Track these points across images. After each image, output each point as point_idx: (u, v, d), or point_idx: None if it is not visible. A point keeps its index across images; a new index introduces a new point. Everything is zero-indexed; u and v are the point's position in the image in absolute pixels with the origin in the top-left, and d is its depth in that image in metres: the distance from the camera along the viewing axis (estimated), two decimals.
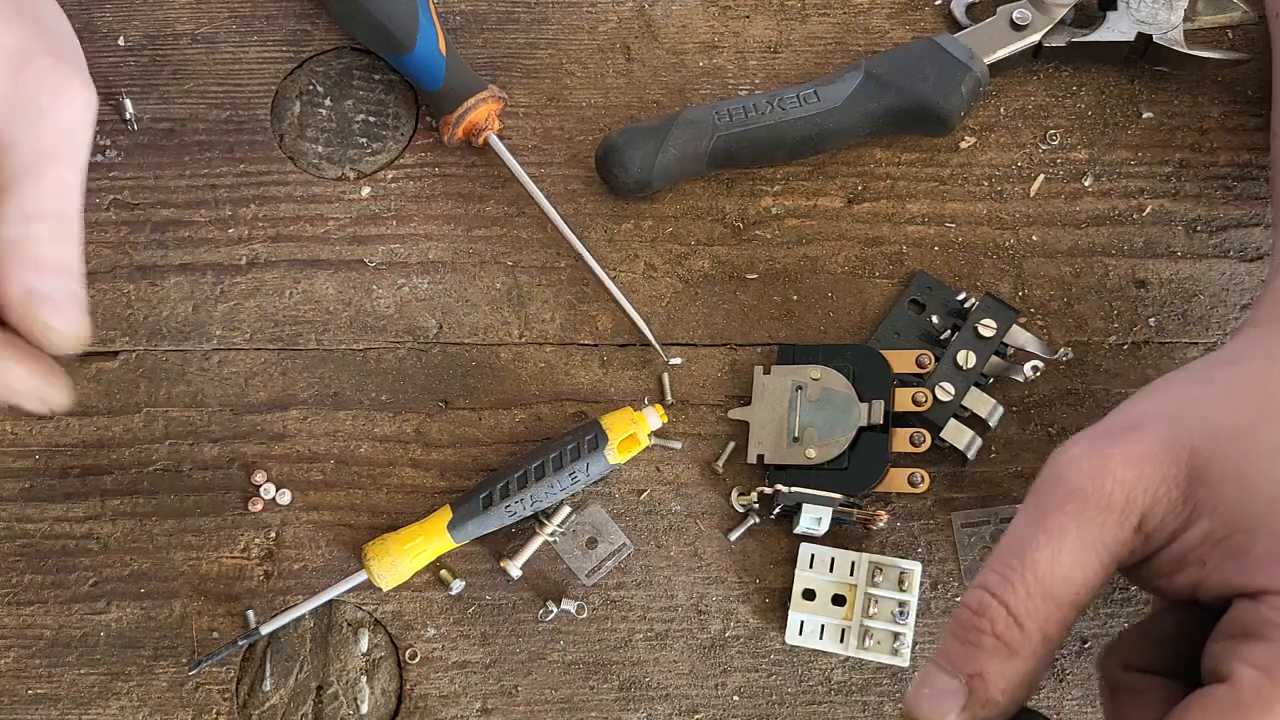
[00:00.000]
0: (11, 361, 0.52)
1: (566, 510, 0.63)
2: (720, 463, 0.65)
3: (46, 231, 0.51)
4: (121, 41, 0.71)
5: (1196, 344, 0.67)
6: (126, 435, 0.66)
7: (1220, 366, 0.51)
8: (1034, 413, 0.66)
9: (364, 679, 0.63)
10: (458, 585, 0.64)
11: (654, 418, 0.63)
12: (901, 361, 0.64)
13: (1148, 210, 0.69)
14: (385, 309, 0.68)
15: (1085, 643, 0.63)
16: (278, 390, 0.67)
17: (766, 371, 0.65)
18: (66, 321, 0.53)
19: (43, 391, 0.53)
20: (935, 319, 0.66)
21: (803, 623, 0.63)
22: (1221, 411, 0.48)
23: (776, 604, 0.64)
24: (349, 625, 0.64)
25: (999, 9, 0.69)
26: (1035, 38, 0.68)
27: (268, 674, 0.63)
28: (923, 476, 0.63)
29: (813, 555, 0.63)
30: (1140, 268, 0.68)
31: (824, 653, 0.63)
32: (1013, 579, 0.47)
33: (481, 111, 0.67)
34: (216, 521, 0.65)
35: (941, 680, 0.48)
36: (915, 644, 0.63)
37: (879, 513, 0.63)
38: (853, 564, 0.63)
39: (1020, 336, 0.65)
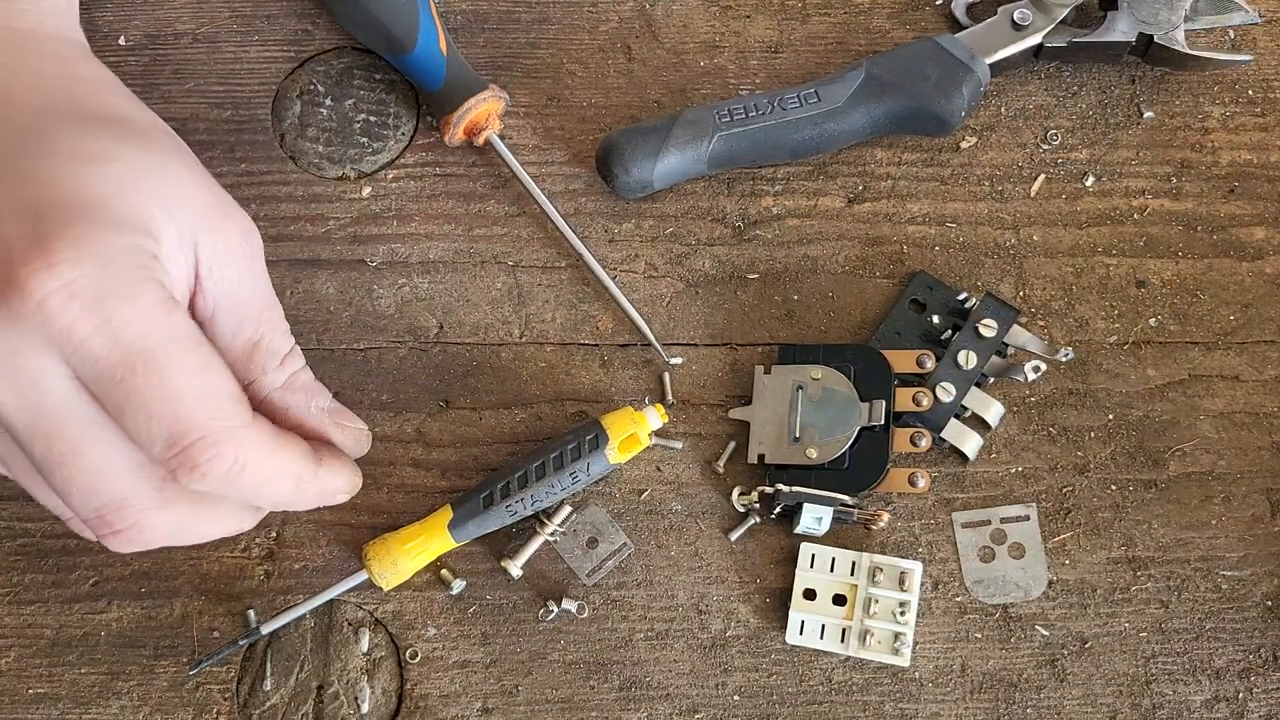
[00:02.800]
0: (337, 468, 0.57)
1: (567, 510, 0.63)
2: (721, 462, 0.65)
3: (299, 361, 0.56)
4: (122, 41, 0.71)
5: (1197, 344, 0.67)
6: None
7: None
8: (1035, 413, 0.66)
9: (365, 678, 0.63)
10: (458, 585, 0.64)
11: (654, 417, 0.63)
12: (902, 361, 0.64)
13: (1148, 210, 0.69)
14: (386, 308, 0.68)
15: (1085, 643, 0.63)
16: None
17: (767, 371, 0.65)
18: (360, 421, 0.58)
19: (355, 482, 0.58)
20: (936, 319, 0.66)
21: (803, 622, 0.63)
22: None
23: (777, 604, 0.64)
24: (349, 625, 0.64)
25: (1000, 9, 0.69)
26: (1036, 38, 0.68)
27: (268, 673, 0.63)
28: (923, 476, 0.63)
29: (813, 555, 0.63)
30: (1141, 268, 0.68)
31: (825, 652, 0.63)
32: None
33: (482, 111, 0.67)
34: None
35: None
36: (916, 644, 0.63)
37: (880, 513, 0.63)
38: (853, 564, 0.63)
39: (1021, 336, 0.65)
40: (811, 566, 0.63)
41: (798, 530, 0.63)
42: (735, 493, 0.65)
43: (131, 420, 0.47)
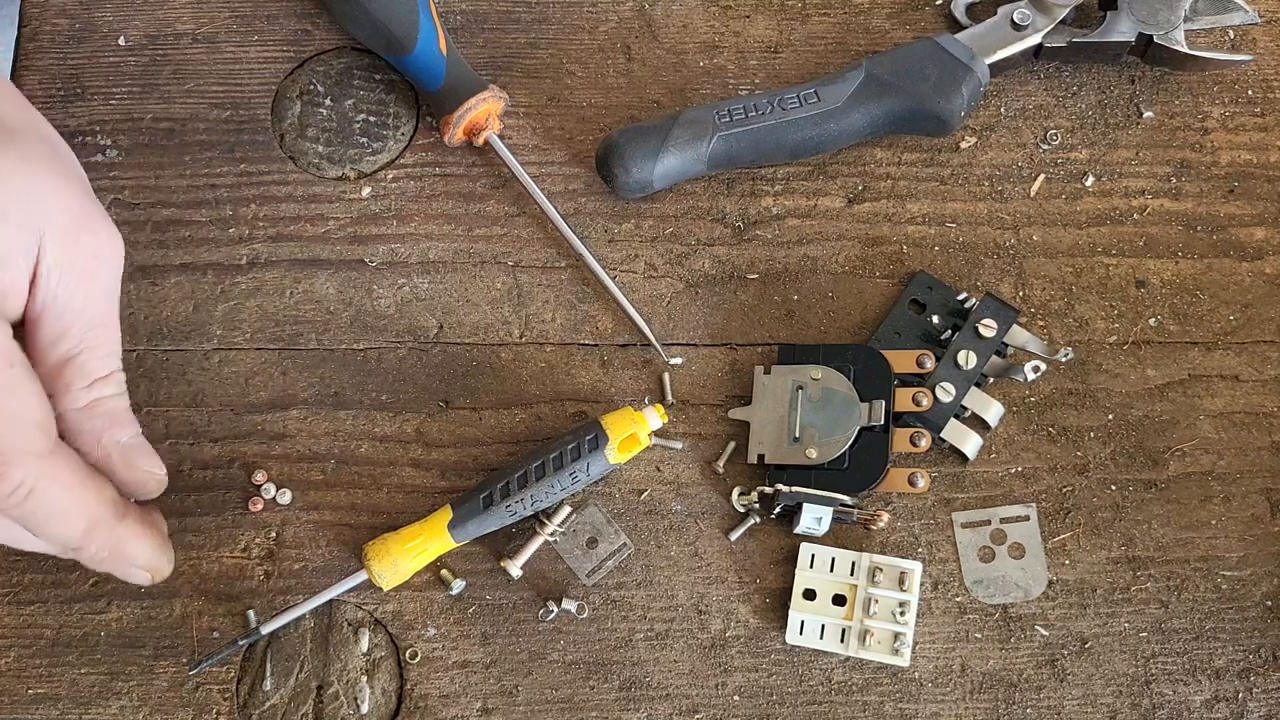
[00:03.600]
0: (142, 536, 0.54)
1: (567, 510, 0.63)
2: (721, 463, 0.65)
3: (113, 387, 0.54)
4: (122, 41, 0.71)
5: (1197, 344, 0.67)
6: None
7: None
8: (1034, 413, 0.66)
9: (364, 679, 0.63)
10: (458, 585, 0.64)
11: (654, 417, 0.63)
12: (902, 361, 0.64)
13: (1148, 210, 0.69)
14: (386, 309, 0.68)
15: (1085, 643, 0.63)
16: (278, 390, 0.67)
17: (767, 371, 0.65)
18: (157, 464, 0.56)
19: (159, 561, 0.56)
20: (936, 319, 0.66)
21: (803, 622, 0.63)
22: None
23: (777, 604, 0.64)
24: (349, 625, 0.64)
25: (1000, 9, 0.69)
26: (1036, 38, 0.68)
27: (268, 674, 0.63)
28: (923, 476, 0.63)
29: (813, 555, 0.63)
30: (1141, 268, 0.68)
31: (824, 652, 0.63)
32: None
33: (482, 111, 0.67)
34: (217, 521, 0.65)
35: None
36: (916, 644, 0.63)
37: (880, 513, 0.63)
38: (853, 564, 0.63)
39: (1021, 336, 0.65)
40: (811, 566, 0.63)
41: (798, 530, 0.63)
42: (735, 493, 0.65)
43: None
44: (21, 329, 0.52)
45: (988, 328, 0.65)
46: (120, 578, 0.56)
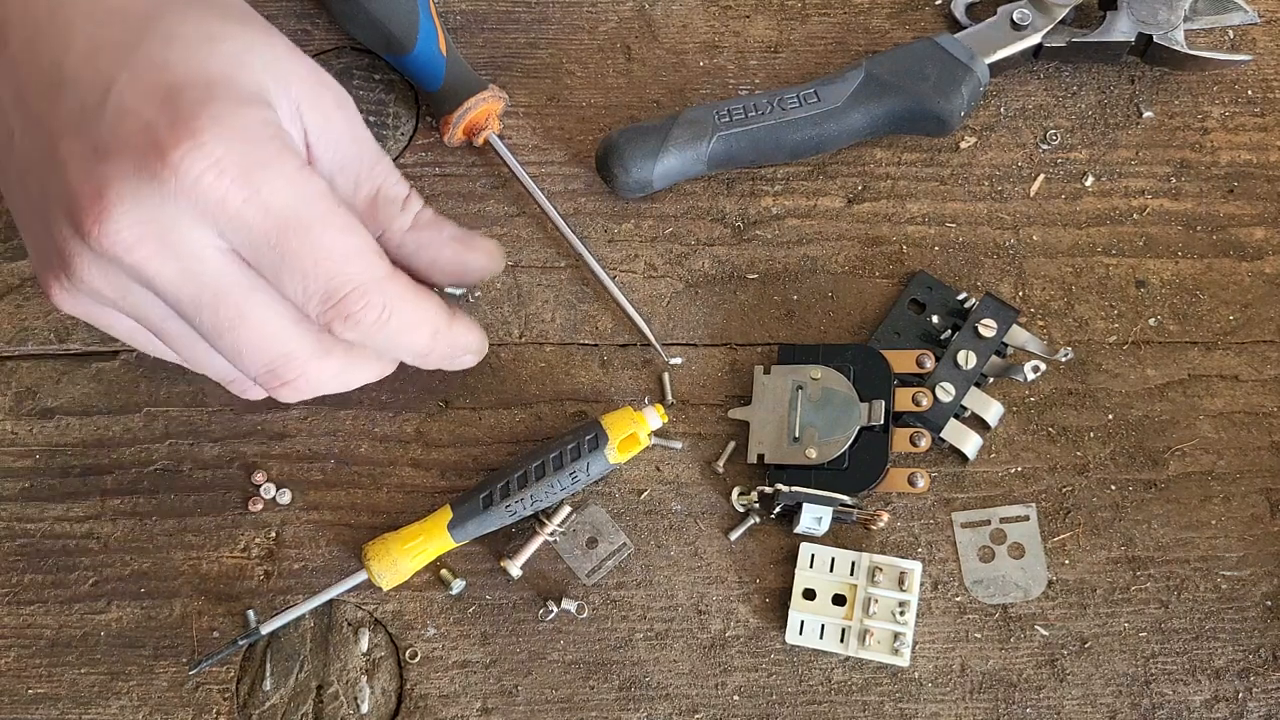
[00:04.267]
0: (469, 324, 0.58)
1: (567, 510, 0.63)
2: (720, 462, 0.65)
3: (418, 200, 0.58)
4: None
5: (1196, 344, 0.67)
6: (127, 435, 0.66)
7: None
8: (1034, 413, 0.66)
9: (364, 679, 0.63)
10: (458, 585, 0.64)
11: (654, 417, 0.63)
12: (902, 361, 0.64)
13: (1148, 210, 0.69)
14: None
15: (1085, 643, 0.63)
16: None
17: (767, 371, 0.65)
18: (487, 239, 0.59)
19: (484, 340, 0.60)
20: (935, 319, 0.66)
21: (803, 622, 0.63)
22: None
23: (777, 604, 0.64)
24: (349, 625, 0.64)
25: (999, 9, 0.69)
26: (1036, 38, 0.68)
27: (268, 674, 0.63)
28: (923, 476, 0.63)
29: (813, 555, 0.63)
30: (1140, 268, 0.68)
31: (824, 652, 0.63)
32: None
33: (482, 111, 0.67)
34: (217, 521, 0.65)
35: None
36: (916, 644, 0.63)
37: (880, 513, 0.63)
38: (853, 564, 0.63)
39: (1020, 336, 0.65)
40: (811, 566, 0.63)
41: (797, 530, 0.63)
42: (735, 493, 0.65)
43: (289, 280, 0.50)
44: None
45: (988, 328, 0.65)
46: (449, 369, 0.60)
